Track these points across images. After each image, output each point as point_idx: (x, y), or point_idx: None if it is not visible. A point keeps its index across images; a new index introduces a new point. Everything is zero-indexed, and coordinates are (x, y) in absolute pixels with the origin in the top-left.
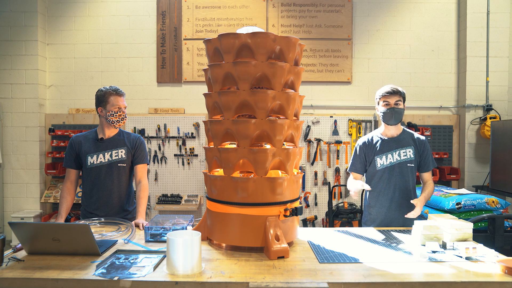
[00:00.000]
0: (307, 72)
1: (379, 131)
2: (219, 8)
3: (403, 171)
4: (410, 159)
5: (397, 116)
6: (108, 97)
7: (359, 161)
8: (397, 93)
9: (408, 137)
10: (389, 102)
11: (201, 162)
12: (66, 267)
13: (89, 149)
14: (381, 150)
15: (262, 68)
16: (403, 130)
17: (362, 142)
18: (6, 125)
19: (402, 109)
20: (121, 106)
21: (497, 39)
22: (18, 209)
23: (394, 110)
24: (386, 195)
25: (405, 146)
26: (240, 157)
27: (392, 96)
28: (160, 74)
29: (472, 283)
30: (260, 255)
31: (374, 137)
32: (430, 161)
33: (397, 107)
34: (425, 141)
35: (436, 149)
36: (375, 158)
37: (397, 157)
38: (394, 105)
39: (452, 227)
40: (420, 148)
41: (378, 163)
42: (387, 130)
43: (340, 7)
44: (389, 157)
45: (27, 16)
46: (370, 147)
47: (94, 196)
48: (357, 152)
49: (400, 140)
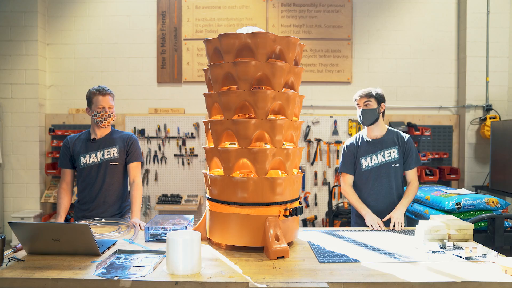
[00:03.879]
0: (307, 72)
1: (364, 132)
2: (219, 8)
3: (388, 171)
4: (394, 160)
5: (367, 116)
6: (93, 97)
7: (349, 162)
8: (365, 95)
9: (392, 137)
10: (360, 104)
11: (201, 162)
12: (66, 267)
13: (82, 150)
14: (365, 151)
15: (262, 68)
16: (387, 130)
17: (349, 142)
18: (6, 125)
19: (372, 108)
20: (105, 105)
21: (497, 39)
22: (18, 209)
23: (363, 111)
24: (372, 195)
25: (389, 146)
26: (240, 157)
27: (360, 99)
28: (160, 74)
29: (472, 283)
30: (260, 255)
31: (360, 138)
32: (414, 159)
33: (366, 107)
34: (409, 139)
35: (436, 149)
36: (360, 159)
37: (381, 158)
38: (364, 106)
39: (453, 228)
40: (403, 146)
41: (363, 164)
42: (370, 131)
43: (340, 7)
44: (373, 158)
45: (27, 16)
46: (357, 148)
47: (87, 195)
48: (346, 153)
49: (384, 141)
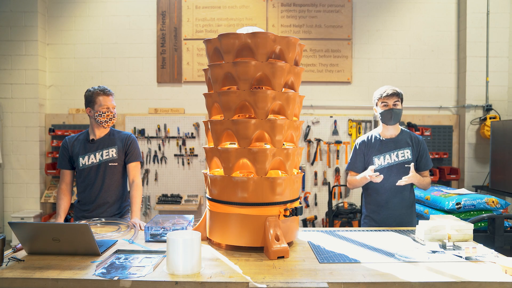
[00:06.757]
0: (307, 72)
1: (378, 131)
2: (219, 8)
3: (401, 172)
4: (407, 160)
5: (396, 116)
6: (96, 97)
7: (358, 160)
8: (396, 94)
9: (406, 138)
10: (388, 103)
11: (201, 162)
12: (66, 267)
13: (81, 151)
14: (379, 150)
15: (262, 68)
16: (401, 130)
17: (361, 140)
18: (6, 125)
19: (400, 110)
20: (109, 106)
21: (497, 39)
22: (18, 209)
23: (393, 110)
24: (383, 195)
25: (403, 147)
26: (240, 157)
27: (391, 98)
28: (160, 74)
29: (472, 283)
30: (260, 255)
31: (372, 137)
32: (429, 160)
33: (395, 107)
34: (422, 140)
35: (436, 149)
36: (373, 158)
37: (395, 158)
38: (393, 105)
39: (453, 228)
40: (417, 148)
41: (376, 163)
42: (385, 130)
43: (340, 7)
44: (386, 157)
45: (27, 16)
46: (369, 147)
47: (87, 196)
48: (357, 151)
49: (398, 140)
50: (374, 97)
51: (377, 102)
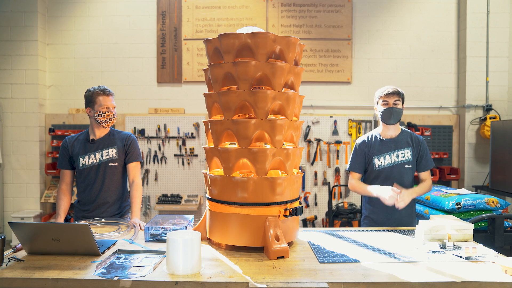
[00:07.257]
0: (307, 72)
1: (378, 131)
2: (219, 8)
3: (401, 172)
4: (408, 161)
5: (396, 115)
6: (96, 97)
7: (359, 160)
8: (396, 93)
9: (406, 138)
10: (388, 102)
11: (201, 162)
12: (66, 267)
13: (81, 151)
14: (379, 150)
15: (262, 68)
16: (401, 130)
17: (361, 140)
18: (6, 125)
19: (401, 109)
20: (109, 106)
21: (497, 39)
22: (18, 209)
23: (392, 109)
24: None
25: (403, 147)
26: (240, 157)
27: (391, 96)
28: (160, 74)
29: (472, 283)
30: (260, 255)
31: (373, 137)
32: (429, 160)
33: (395, 106)
34: (423, 140)
35: (436, 149)
36: (373, 158)
37: (395, 158)
38: (393, 104)
39: (453, 228)
40: (417, 148)
41: (376, 163)
42: (385, 130)
43: (340, 7)
44: (387, 158)
45: (27, 16)
46: (369, 147)
47: (87, 196)
48: (357, 151)
49: (399, 141)
50: (375, 96)
51: (378, 101)
